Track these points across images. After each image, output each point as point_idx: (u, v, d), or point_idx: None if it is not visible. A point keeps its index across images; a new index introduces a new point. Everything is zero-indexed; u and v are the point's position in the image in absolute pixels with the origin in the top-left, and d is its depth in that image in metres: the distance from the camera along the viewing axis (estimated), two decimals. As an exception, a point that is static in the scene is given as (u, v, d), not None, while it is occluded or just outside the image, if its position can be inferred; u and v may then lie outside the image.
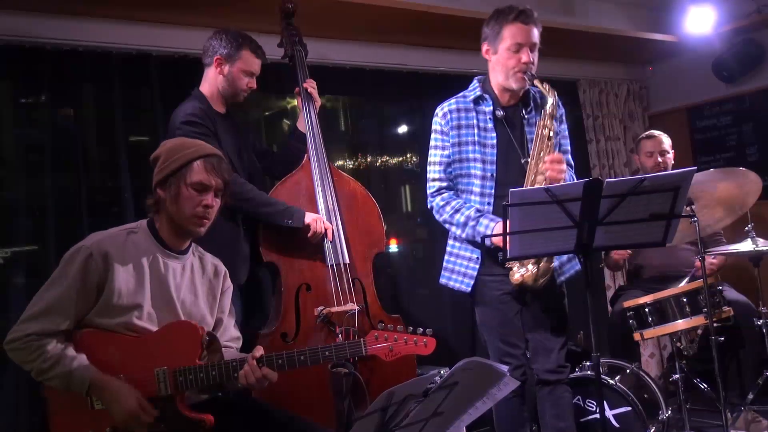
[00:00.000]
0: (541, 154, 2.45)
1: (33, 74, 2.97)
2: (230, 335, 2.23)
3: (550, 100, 2.46)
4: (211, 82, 2.75)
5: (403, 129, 4.26)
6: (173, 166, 2.01)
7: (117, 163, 3.09)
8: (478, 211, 2.52)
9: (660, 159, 3.70)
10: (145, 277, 1.99)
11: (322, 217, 2.71)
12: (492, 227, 2.41)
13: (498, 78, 2.57)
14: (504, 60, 2.51)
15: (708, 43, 4.60)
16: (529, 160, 2.48)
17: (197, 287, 2.12)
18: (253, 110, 3.70)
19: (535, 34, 2.51)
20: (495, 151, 2.54)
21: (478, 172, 2.54)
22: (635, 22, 4.82)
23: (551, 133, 2.46)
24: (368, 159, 4.00)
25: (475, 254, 2.58)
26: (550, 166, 2.40)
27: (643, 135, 3.87)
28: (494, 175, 2.53)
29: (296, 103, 3.12)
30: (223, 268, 2.23)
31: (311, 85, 2.96)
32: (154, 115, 3.20)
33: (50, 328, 1.88)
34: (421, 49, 4.03)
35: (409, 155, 4.20)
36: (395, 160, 4.14)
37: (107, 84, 3.12)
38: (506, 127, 2.56)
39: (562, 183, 2.37)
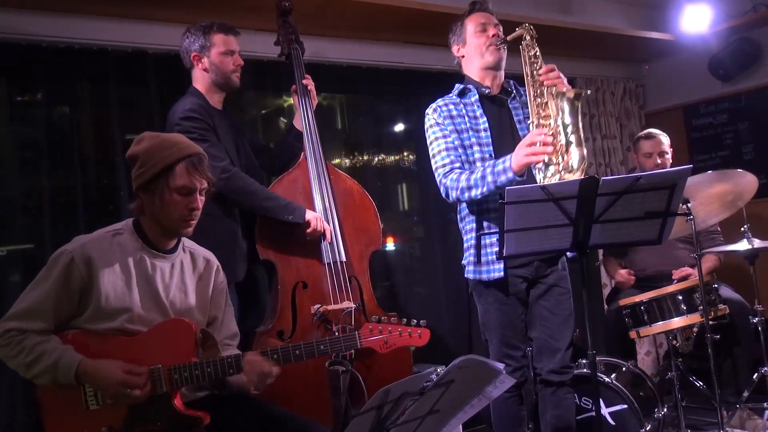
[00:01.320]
0: (535, 75, 2.38)
1: (29, 72, 2.96)
2: (228, 332, 2.21)
3: (526, 30, 2.45)
4: (200, 79, 2.75)
5: (399, 127, 4.26)
6: (154, 170, 1.96)
7: (113, 161, 3.09)
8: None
9: (659, 160, 3.63)
10: (132, 279, 1.97)
11: (321, 217, 2.72)
12: (509, 159, 2.32)
13: (475, 64, 2.61)
14: (474, 43, 2.59)
15: (704, 41, 4.62)
16: (527, 81, 2.42)
17: (187, 285, 2.09)
18: (250, 109, 3.69)
19: (495, 18, 2.62)
20: (489, 133, 2.54)
21: (477, 155, 2.53)
22: (632, 20, 4.82)
23: (537, 53, 2.42)
24: (365, 157, 4.00)
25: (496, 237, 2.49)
26: (545, 77, 2.33)
27: (642, 134, 3.79)
28: (492, 155, 2.52)
29: (292, 102, 3.12)
30: (215, 262, 2.20)
31: (309, 82, 2.96)
32: (150, 113, 3.19)
33: (29, 328, 1.87)
34: (417, 47, 4.03)
35: (405, 153, 4.20)
36: (392, 158, 4.14)
37: (103, 82, 3.12)
38: (494, 105, 2.60)
39: (564, 85, 2.30)
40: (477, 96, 2.59)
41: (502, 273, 2.49)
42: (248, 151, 2.87)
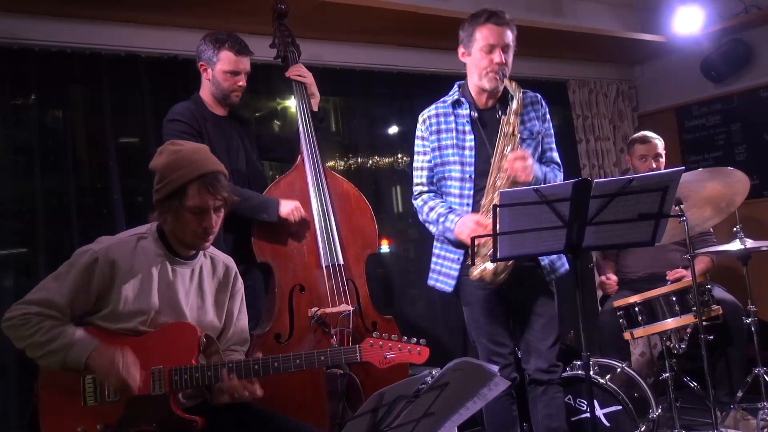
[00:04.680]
0: (505, 151, 2.48)
1: (21, 76, 2.96)
2: (238, 339, 2.22)
3: (516, 99, 2.50)
4: (205, 86, 2.78)
5: (393, 129, 4.27)
6: (168, 189, 1.97)
7: (106, 164, 3.08)
8: (449, 208, 2.58)
9: (654, 164, 3.62)
10: (153, 284, 1.99)
11: (297, 204, 2.68)
12: (456, 221, 2.49)
13: (473, 79, 2.61)
14: (477, 61, 2.56)
15: (696, 43, 4.64)
16: (493, 157, 2.51)
17: (205, 291, 2.11)
18: (243, 111, 3.68)
19: (508, 35, 2.53)
20: (473, 153, 2.57)
21: (457, 174, 2.59)
22: (624, 22, 4.85)
23: (515, 131, 2.48)
24: (359, 159, 4.01)
25: (457, 255, 2.61)
26: (510, 164, 2.42)
27: (637, 137, 3.76)
28: (472, 176, 2.56)
29: (286, 104, 3.11)
30: (233, 268, 2.22)
31: (300, 71, 2.94)
32: (143, 117, 3.19)
33: (48, 314, 1.88)
34: (411, 50, 4.04)
35: (399, 156, 4.20)
36: (386, 160, 4.14)
37: (96, 85, 3.11)
38: (481, 129, 2.60)
39: (524, 179, 2.40)
40: (469, 111, 2.61)
41: (450, 288, 2.62)
42: (251, 157, 2.85)
